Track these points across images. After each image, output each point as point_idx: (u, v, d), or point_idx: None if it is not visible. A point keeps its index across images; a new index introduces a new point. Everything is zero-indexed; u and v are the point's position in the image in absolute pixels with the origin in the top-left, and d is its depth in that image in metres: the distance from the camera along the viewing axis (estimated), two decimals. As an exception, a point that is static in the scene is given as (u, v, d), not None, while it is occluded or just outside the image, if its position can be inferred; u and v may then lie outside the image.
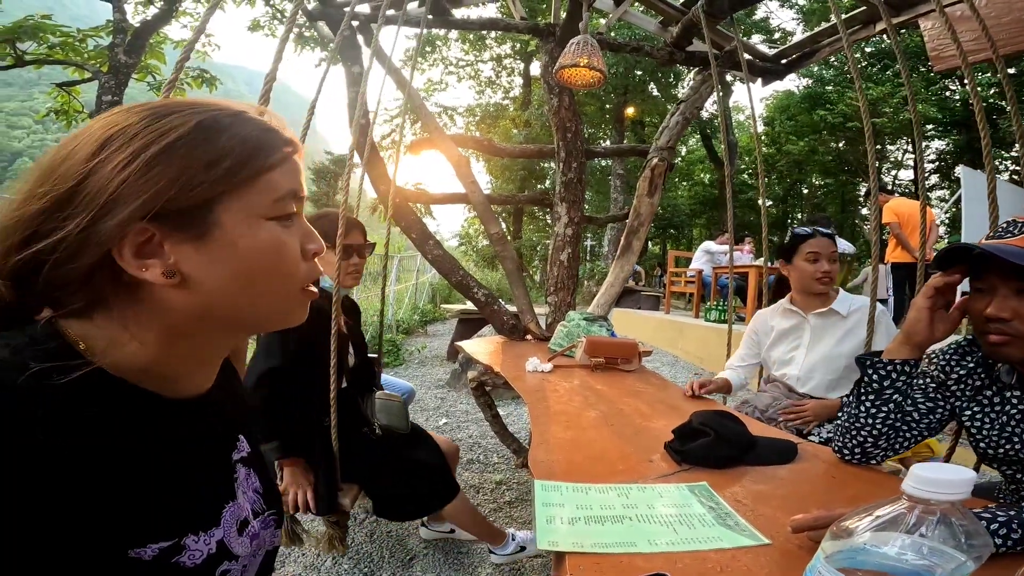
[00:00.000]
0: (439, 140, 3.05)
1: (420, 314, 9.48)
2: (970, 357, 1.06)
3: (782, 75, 3.14)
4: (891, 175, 20.58)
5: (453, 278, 2.89)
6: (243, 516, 0.59)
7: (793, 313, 2.04)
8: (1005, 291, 0.89)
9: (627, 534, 0.80)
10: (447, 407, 4.27)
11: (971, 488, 0.43)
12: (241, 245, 0.50)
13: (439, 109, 19.40)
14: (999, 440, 0.99)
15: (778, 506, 0.90)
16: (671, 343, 6.92)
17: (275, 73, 1.44)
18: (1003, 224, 0.92)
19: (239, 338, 0.62)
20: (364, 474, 1.69)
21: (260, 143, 0.52)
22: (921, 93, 15.11)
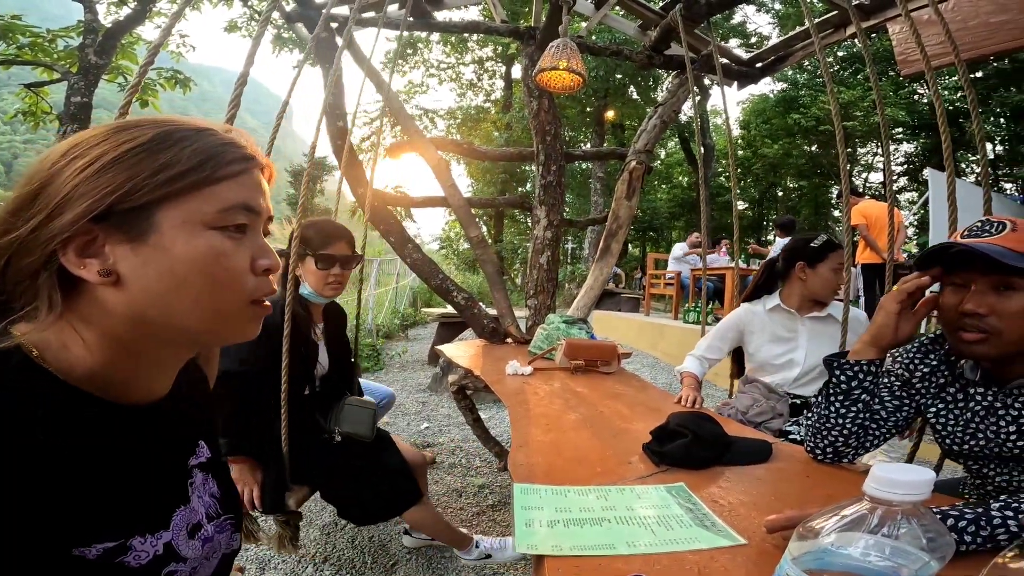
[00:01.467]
0: (418, 143, 3.04)
1: (401, 318, 9.42)
2: (933, 355, 1.08)
3: (757, 79, 3.19)
4: (862, 178, 21.09)
5: (432, 282, 2.88)
6: (196, 520, 0.59)
7: (788, 314, 2.00)
8: (983, 287, 0.90)
9: (606, 536, 0.80)
10: (428, 411, 4.25)
11: (931, 489, 0.44)
12: (176, 250, 0.51)
13: (420, 112, 19.35)
14: (963, 436, 1.02)
15: (754, 506, 0.91)
16: (651, 345, 6.99)
17: (246, 76, 1.43)
18: (977, 224, 0.94)
19: (189, 350, 0.62)
20: (319, 477, 1.71)
21: (212, 154, 0.53)
22: (890, 97, 15.51)
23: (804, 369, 1.94)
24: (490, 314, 3.00)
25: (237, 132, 0.58)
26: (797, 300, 1.99)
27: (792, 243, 2.07)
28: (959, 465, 1.11)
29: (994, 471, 1.01)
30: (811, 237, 1.98)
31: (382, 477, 1.74)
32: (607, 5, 3.04)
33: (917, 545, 0.43)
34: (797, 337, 1.98)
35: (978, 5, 2.04)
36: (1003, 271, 0.87)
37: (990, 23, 2.01)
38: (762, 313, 2.04)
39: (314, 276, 1.68)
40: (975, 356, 0.96)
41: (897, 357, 1.12)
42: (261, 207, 0.57)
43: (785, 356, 1.98)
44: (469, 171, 20.15)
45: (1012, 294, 0.88)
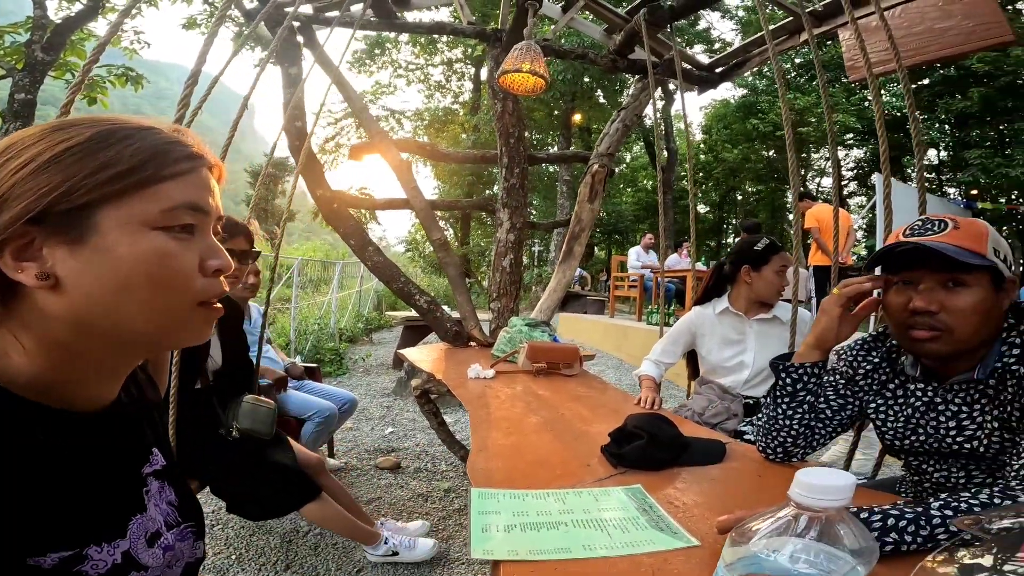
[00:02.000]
0: (381, 145, 3.00)
1: (365, 322, 9.27)
2: (875, 352, 1.11)
3: (716, 84, 3.27)
4: (815, 182, 21.88)
5: (394, 285, 2.84)
6: (154, 528, 0.58)
7: (736, 317, 2.05)
8: (931, 284, 0.92)
9: (563, 540, 0.80)
10: (393, 416, 4.20)
11: (852, 493, 0.44)
12: (118, 252, 0.49)
13: (387, 113, 19.13)
14: (904, 432, 1.05)
15: (708, 507, 0.92)
16: (616, 347, 7.07)
17: (197, 75, 1.38)
18: (918, 223, 0.96)
19: (137, 354, 0.60)
20: (210, 472, 1.72)
21: (155, 153, 0.52)
22: (842, 103, 16.10)
23: (753, 371, 1.99)
24: (453, 317, 2.98)
25: (183, 131, 0.57)
26: (744, 303, 2.04)
27: (737, 247, 2.13)
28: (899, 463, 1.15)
29: (933, 467, 1.05)
30: (755, 240, 2.04)
31: (277, 474, 1.75)
32: (574, 8, 3.06)
33: (844, 549, 0.43)
34: (746, 339, 2.03)
35: (924, 11, 2.10)
36: (952, 268, 0.89)
37: (934, 29, 2.07)
38: (712, 316, 2.09)
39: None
40: (928, 354, 0.97)
41: (841, 355, 1.15)
42: (210, 207, 0.55)
43: (735, 358, 2.03)
44: (436, 173, 20.03)
45: (961, 290, 0.90)
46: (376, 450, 3.36)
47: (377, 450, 3.35)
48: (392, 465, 3.04)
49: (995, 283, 0.90)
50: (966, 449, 0.97)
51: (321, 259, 9.74)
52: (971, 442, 0.96)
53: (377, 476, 2.92)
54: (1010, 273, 0.92)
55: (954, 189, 18.14)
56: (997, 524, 0.49)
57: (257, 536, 2.24)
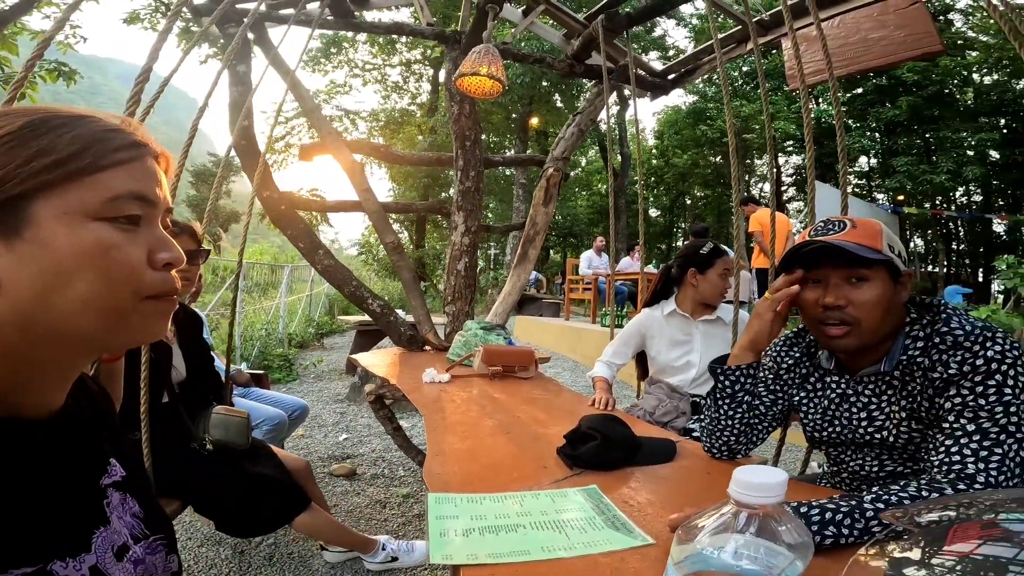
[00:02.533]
0: (332, 145, 2.93)
1: (316, 326, 9.03)
2: (796, 348, 1.18)
3: (668, 90, 3.37)
4: (758, 187, 22.84)
5: (346, 289, 2.78)
6: (120, 542, 0.56)
7: (683, 319, 2.12)
8: (838, 280, 0.98)
9: (522, 542, 0.80)
10: (347, 422, 4.11)
11: (784, 490, 0.46)
12: (56, 244, 0.46)
13: (341, 112, 18.68)
14: (823, 423, 1.11)
15: (661, 505, 0.95)
16: (571, 349, 7.16)
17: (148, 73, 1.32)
18: (821, 224, 1.03)
19: (87, 355, 0.58)
20: (189, 489, 1.64)
21: (95, 140, 0.49)
22: (784, 111, 16.88)
23: (700, 370, 2.06)
24: (407, 321, 2.95)
25: (125, 120, 0.54)
26: (690, 304, 2.12)
27: (684, 251, 2.21)
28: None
29: (849, 457, 1.11)
30: (700, 244, 2.12)
31: (263, 487, 1.68)
32: (534, 13, 3.09)
33: (782, 544, 0.45)
34: (692, 340, 2.11)
35: (859, 22, 2.19)
36: (853, 264, 0.96)
37: (868, 39, 2.16)
38: (660, 318, 2.15)
39: None
40: (840, 348, 1.03)
41: (768, 352, 1.21)
42: (157, 197, 0.52)
43: (683, 358, 2.10)
44: (391, 175, 19.72)
45: (863, 284, 0.97)
46: (330, 457, 3.28)
47: (331, 457, 3.28)
48: (347, 472, 2.97)
49: (892, 277, 0.98)
50: (876, 439, 1.03)
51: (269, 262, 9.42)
52: (881, 432, 1.02)
53: (332, 484, 2.85)
54: (904, 267, 0.99)
55: (883, 195, 19.29)
56: (925, 517, 0.52)
57: (207, 548, 2.14)
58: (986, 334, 0.90)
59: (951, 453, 0.86)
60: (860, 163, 20.78)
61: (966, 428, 0.86)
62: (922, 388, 0.96)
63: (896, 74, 16.55)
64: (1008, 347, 0.88)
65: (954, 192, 19.73)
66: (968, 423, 0.86)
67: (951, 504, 0.55)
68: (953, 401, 0.90)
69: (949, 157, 16.73)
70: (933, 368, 0.94)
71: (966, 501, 0.58)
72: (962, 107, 18.00)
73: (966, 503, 0.56)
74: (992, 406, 0.86)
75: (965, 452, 0.85)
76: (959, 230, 21.26)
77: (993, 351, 0.88)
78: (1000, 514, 0.51)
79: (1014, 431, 0.84)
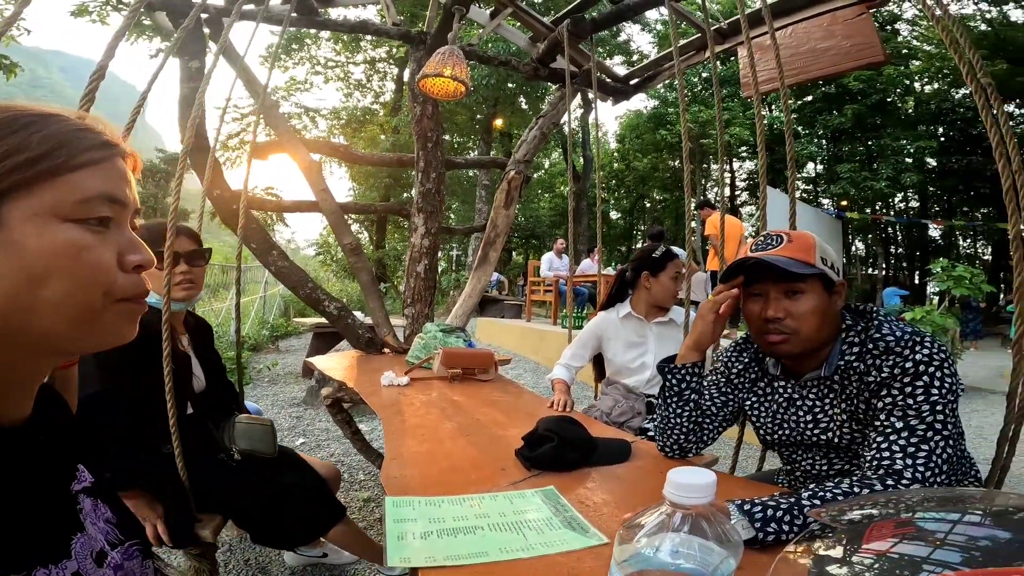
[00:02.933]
0: (288, 144, 2.86)
1: (270, 329, 8.76)
2: (745, 354, 1.23)
3: (630, 95, 3.43)
4: (714, 192, 23.54)
5: (301, 291, 2.71)
6: (98, 548, 0.55)
7: (638, 321, 2.17)
8: (776, 294, 1.04)
9: (480, 544, 0.81)
10: (304, 426, 4.02)
11: (713, 491, 0.48)
12: (28, 246, 0.46)
13: (300, 110, 18.18)
14: (772, 426, 1.16)
15: (616, 505, 0.97)
16: (533, 350, 7.19)
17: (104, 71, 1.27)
18: (761, 238, 1.08)
19: (52, 359, 0.57)
20: (225, 503, 1.58)
21: (66, 140, 0.48)
22: (739, 117, 17.42)
23: (654, 372, 2.08)
24: (366, 324, 2.90)
25: (93, 118, 0.52)
26: (644, 307, 2.17)
27: (637, 254, 2.26)
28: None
29: (800, 457, 1.17)
30: (653, 248, 2.17)
31: (299, 496, 1.63)
32: (501, 15, 3.10)
33: (715, 542, 0.47)
34: (646, 342, 2.16)
35: (810, 32, 2.27)
36: (789, 279, 1.02)
37: (817, 49, 2.24)
38: (616, 321, 2.19)
39: (157, 279, 1.50)
40: (781, 355, 1.10)
41: (719, 357, 1.27)
42: (127, 198, 0.52)
43: (638, 360, 2.15)
44: (351, 175, 19.35)
45: (800, 297, 1.02)
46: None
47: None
48: (338, 474, 2.91)
49: (826, 288, 1.04)
50: (823, 440, 1.08)
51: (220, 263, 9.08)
52: (826, 433, 1.08)
53: (288, 491, 2.78)
54: (838, 278, 1.05)
55: (828, 200, 20.17)
56: (847, 515, 0.54)
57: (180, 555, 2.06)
58: (915, 338, 0.96)
59: (881, 450, 0.91)
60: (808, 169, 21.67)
61: (895, 426, 0.91)
62: (859, 391, 1.01)
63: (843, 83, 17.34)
64: (935, 350, 0.94)
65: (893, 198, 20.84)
66: (897, 421, 0.92)
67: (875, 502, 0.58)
68: (885, 401, 0.95)
69: (889, 164, 17.65)
70: (868, 372, 0.99)
71: (893, 499, 0.61)
72: (903, 115, 19.01)
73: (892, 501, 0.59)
74: (920, 405, 0.91)
75: (894, 449, 0.90)
76: (897, 235, 22.49)
77: (921, 354, 0.94)
78: (917, 512, 0.54)
79: (940, 428, 0.89)
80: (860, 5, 2.12)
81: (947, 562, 0.45)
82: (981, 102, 1.10)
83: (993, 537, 0.48)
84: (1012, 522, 0.48)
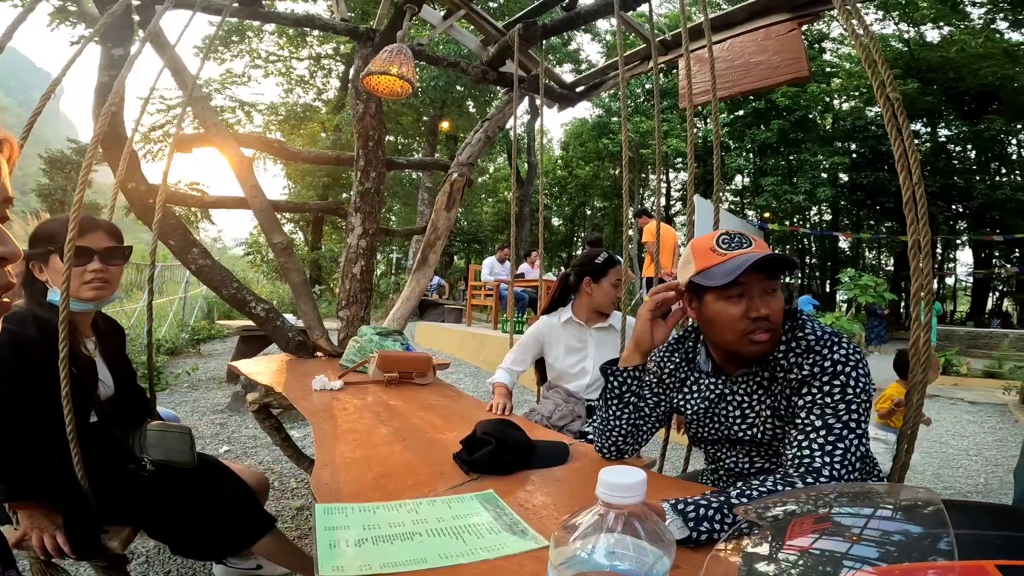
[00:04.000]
0: (217, 138, 2.71)
1: (191, 332, 8.23)
2: (677, 354, 1.26)
3: (575, 102, 3.48)
4: (651, 201, 24.42)
5: (224, 291, 2.56)
6: None
7: (578, 326, 2.18)
8: (759, 292, 1.03)
9: (418, 550, 0.78)
10: (228, 433, 3.81)
11: (644, 489, 0.48)
12: None
13: (235, 104, 17.24)
14: (702, 422, 1.20)
15: (555, 507, 0.97)
16: (474, 355, 7.16)
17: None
18: (729, 239, 1.06)
19: None
20: (136, 514, 1.47)
21: None
22: (676, 129, 18.12)
23: (593, 376, 2.14)
24: (297, 327, 2.78)
25: None
26: (585, 312, 2.19)
27: (579, 260, 2.28)
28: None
29: (724, 454, 1.21)
30: (595, 254, 2.20)
31: (221, 507, 1.52)
32: (454, 16, 3.07)
33: (648, 542, 0.47)
34: (586, 347, 2.18)
35: (745, 46, 2.34)
36: (774, 275, 1.03)
37: (750, 63, 2.31)
38: (557, 326, 2.20)
39: (76, 276, 1.38)
40: (761, 353, 1.07)
41: (652, 358, 1.28)
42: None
43: (578, 365, 2.17)
44: (287, 172, 18.60)
45: (776, 294, 1.04)
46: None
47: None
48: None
49: None
50: (747, 436, 1.12)
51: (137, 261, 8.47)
52: (751, 429, 1.12)
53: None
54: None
55: (752, 212, 21.38)
56: (770, 512, 0.56)
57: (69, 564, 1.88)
58: (834, 339, 1.01)
59: (801, 447, 0.94)
60: (736, 182, 22.88)
61: (814, 424, 0.95)
62: (782, 388, 1.06)
63: (772, 98, 18.44)
64: (851, 351, 0.99)
65: (809, 211, 22.36)
66: (816, 419, 0.95)
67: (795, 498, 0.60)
68: (805, 399, 0.99)
69: (807, 178, 18.93)
70: (791, 369, 1.03)
71: (810, 495, 0.63)
72: (821, 132, 20.44)
73: (809, 497, 0.61)
74: (836, 404, 0.95)
75: (813, 447, 0.93)
76: (811, 246, 24.15)
77: (839, 354, 0.98)
78: (833, 508, 0.56)
79: (855, 427, 0.94)
80: (792, 22, 2.22)
81: (865, 557, 0.46)
82: (888, 115, 1.18)
83: (906, 532, 0.49)
84: (922, 516, 0.50)
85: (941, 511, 0.48)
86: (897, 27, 18.10)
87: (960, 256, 24.26)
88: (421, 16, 2.81)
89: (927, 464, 4.01)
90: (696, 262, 1.07)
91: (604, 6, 2.71)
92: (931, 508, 0.50)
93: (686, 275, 1.10)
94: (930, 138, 19.01)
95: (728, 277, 0.99)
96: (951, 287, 25.49)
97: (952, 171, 18.75)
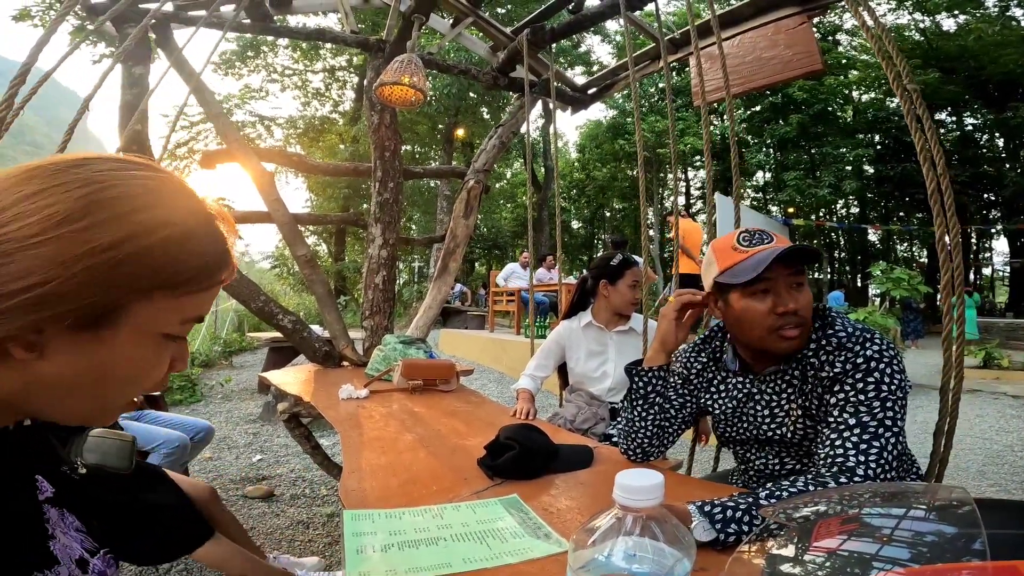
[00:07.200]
0: (239, 153, 2.78)
1: (223, 344, 8.44)
2: (703, 354, 1.24)
3: (587, 104, 3.48)
4: (670, 200, 24.15)
5: (253, 305, 2.63)
6: (77, 555, 0.55)
7: (599, 331, 2.17)
8: (786, 286, 1.01)
9: (442, 555, 0.79)
10: (261, 442, 3.89)
11: (661, 492, 0.48)
12: (122, 351, 0.45)
13: (255, 119, 17.65)
14: (731, 421, 1.18)
15: (580, 510, 0.97)
16: (496, 360, 7.17)
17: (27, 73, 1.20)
18: (750, 235, 1.05)
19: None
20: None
21: (214, 266, 0.48)
22: (694, 126, 17.88)
23: (615, 380, 2.12)
24: (323, 337, 2.83)
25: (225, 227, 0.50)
26: (605, 316, 2.18)
27: (596, 263, 2.27)
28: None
29: (754, 455, 1.19)
30: (611, 256, 2.19)
31: (157, 515, 1.56)
32: (462, 24, 3.10)
33: (667, 544, 0.47)
34: (607, 351, 2.17)
35: (756, 41, 2.31)
36: (801, 270, 1.02)
37: (762, 58, 2.28)
38: (578, 330, 2.20)
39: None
40: (791, 349, 1.05)
41: (677, 358, 1.27)
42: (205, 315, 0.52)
43: (599, 369, 2.16)
44: (309, 185, 18.93)
45: (803, 288, 1.03)
46: (244, 479, 3.08)
47: (245, 479, 3.08)
48: (264, 494, 2.82)
49: None
50: (777, 436, 1.10)
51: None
52: (780, 429, 1.10)
53: (247, 506, 2.68)
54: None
55: (776, 208, 20.93)
56: (798, 513, 0.55)
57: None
58: (866, 335, 0.99)
59: (835, 447, 0.92)
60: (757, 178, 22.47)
61: (848, 422, 0.92)
62: (813, 386, 1.03)
63: (788, 92, 18.07)
64: (885, 347, 0.97)
65: (835, 204, 21.81)
66: (850, 417, 0.93)
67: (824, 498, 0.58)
68: (837, 397, 0.97)
69: (831, 172, 18.47)
70: (822, 367, 1.01)
71: (841, 495, 0.62)
72: (842, 124, 19.93)
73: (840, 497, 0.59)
74: (871, 401, 0.93)
75: (847, 446, 0.91)
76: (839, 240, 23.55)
77: (872, 350, 0.96)
78: (864, 509, 0.55)
79: (891, 425, 0.91)
80: (801, 15, 2.19)
81: (896, 558, 0.45)
82: (907, 107, 1.15)
83: (939, 532, 0.48)
84: (955, 516, 0.49)
85: (974, 511, 0.47)
86: (912, 17, 17.61)
87: (996, 245, 23.40)
88: (430, 25, 2.84)
89: (971, 460, 3.87)
90: (719, 262, 1.06)
91: (611, 7, 2.71)
92: (964, 508, 0.49)
93: (710, 276, 1.09)
94: (956, 127, 18.39)
95: (753, 273, 0.98)
96: (988, 278, 24.58)
97: (981, 159, 18.09)
